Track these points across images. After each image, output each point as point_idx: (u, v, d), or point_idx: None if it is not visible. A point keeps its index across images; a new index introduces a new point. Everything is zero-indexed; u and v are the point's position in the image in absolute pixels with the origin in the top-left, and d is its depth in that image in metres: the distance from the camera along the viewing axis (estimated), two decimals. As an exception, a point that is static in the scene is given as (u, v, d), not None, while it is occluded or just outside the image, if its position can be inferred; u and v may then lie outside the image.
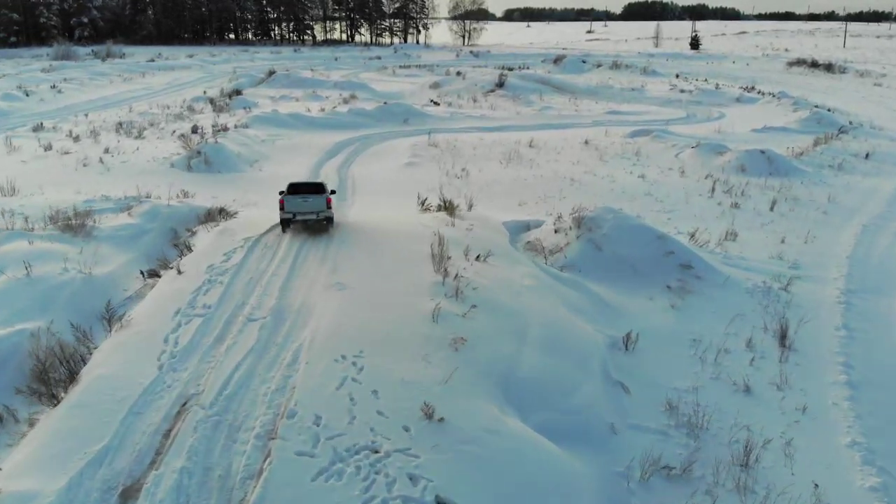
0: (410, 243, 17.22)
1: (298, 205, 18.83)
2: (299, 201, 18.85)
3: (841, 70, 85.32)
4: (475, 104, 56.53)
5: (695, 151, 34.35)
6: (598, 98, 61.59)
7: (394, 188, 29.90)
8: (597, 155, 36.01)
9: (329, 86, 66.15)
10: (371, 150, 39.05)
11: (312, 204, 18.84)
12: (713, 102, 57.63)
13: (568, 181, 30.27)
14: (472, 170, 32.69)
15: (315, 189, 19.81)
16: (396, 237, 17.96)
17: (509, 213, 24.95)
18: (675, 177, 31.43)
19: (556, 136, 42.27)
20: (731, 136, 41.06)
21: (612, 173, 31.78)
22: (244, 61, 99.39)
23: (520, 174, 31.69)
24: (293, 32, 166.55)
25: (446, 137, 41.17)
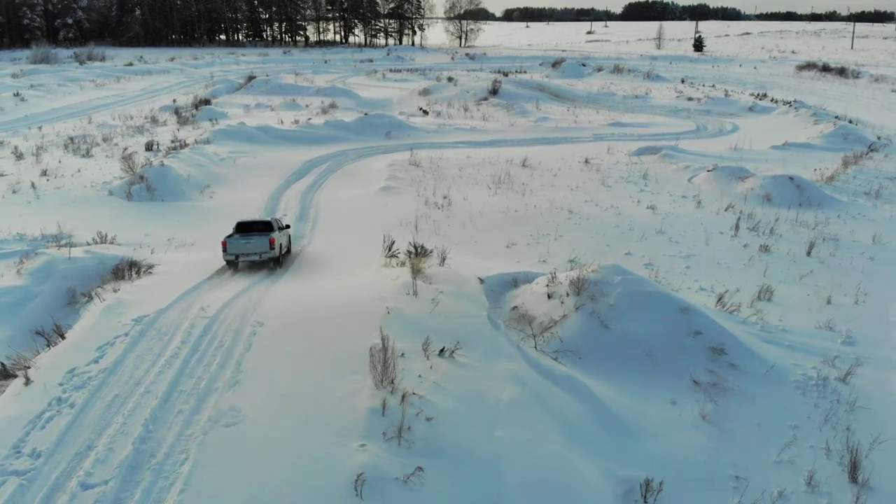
0: (354, 328, 12.87)
1: (241, 246, 18.51)
2: (242, 242, 18.49)
3: (854, 75, 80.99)
4: (466, 113, 52.18)
5: (711, 176, 29.99)
6: (598, 106, 57.20)
7: (362, 221, 25.55)
8: (598, 178, 31.64)
9: (311, 92, 61.79)
10: (344, 170, 34.71)
11: (255, 245, 18.47)
12: (724, 112, 53.25)
13: (565, 213, 25.90)
14: (456, 197, 28.34)
15: (263, 228, 19.45)
16: (339, 316, 13.58)
17: (494, 260, 20.60)
18: (689, 208, 27.05)
19: (552, 152, 37.93)
20: (750, 154, 36.72)
21: (616, 202, 27.42)
22: (229, 65, 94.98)
23: (510, 203, 27.32)
24: (286, 34, 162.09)
25: (431, 154, 36.85)
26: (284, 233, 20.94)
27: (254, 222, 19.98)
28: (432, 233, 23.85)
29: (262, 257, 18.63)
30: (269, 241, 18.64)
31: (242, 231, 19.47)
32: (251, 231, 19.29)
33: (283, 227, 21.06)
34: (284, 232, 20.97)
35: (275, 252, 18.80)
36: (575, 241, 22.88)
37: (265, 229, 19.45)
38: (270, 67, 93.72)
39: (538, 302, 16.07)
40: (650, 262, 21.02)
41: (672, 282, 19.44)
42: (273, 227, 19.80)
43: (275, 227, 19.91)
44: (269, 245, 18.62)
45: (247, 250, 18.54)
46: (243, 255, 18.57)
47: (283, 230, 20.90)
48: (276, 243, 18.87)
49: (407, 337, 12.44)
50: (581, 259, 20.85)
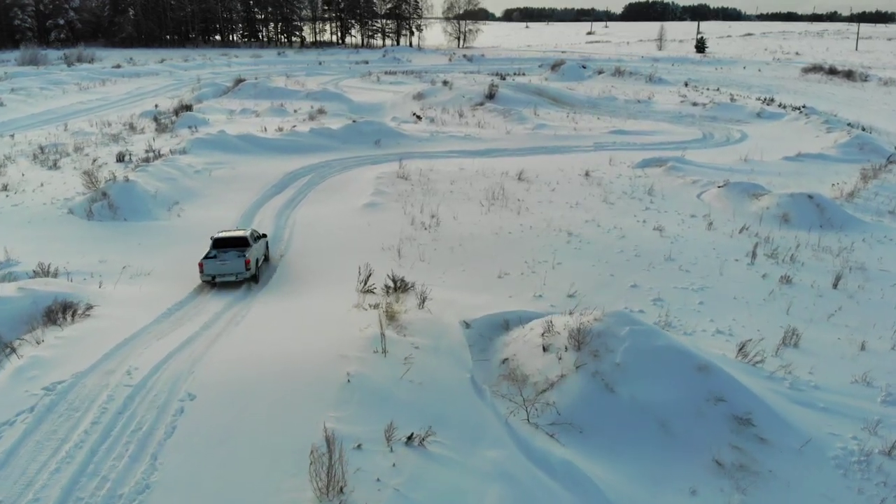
0: (303, 406, 10.59)
1: (217, 268, 19.00)
2: (218, 265, 19.02)
3: (863, 78, 78.72)
4: (461, 119, 49.86)
5: (722, 192, 27.69)
6: (599, 112, 54.87)
7: (340, 245, 23.25)
8: (600, 193, 29.34)
9: (301, 96, 59.48)
10: (328, 182, 32.39)
11: (231, 266, 19.03)
12: (731, 118, 50.93)
13: (564, 236, 23.59)
14: (446, 215, 26.05)
15: (239, 243, 20.04)
16: (288, 386, 11.27)
17: (483, 295, 18.33)
18: (700, 229, 24.74)
19: (551, 164, 35.61)
20: (761, 166, 34.41)
21: (619, 223, 25.11)
22: (220, 66, 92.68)
23: (504, 223, 25.02)
24: (282, 34, 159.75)
25: (421, 165, 34.55)
26: (261, 243, 21.45)
27: (229, 238, 20.31)
28: (417, 259, 21.57)
29: (238, 278, 19.14)
30: (244, 262, 19.10)
31: (219, 247, 20.09)
32: (228, 246, 19.96)
33: (259, 236, 21.54)
34: (261, 242, 21.49)
35: (251, 272, 19.30)
36: (575, 269, 20.59)
37: (241, 245, 19.98)
38: (263, 69, 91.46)
39: (532, 354, 13.79)
40: (659, 296, 18.73)
41: (685, 322, 17.17)
42: (248, 242, 20.19)
43: (250, 241, 20.28)
44: (244, 266, 19.10)
45: (223, 271, 19.01)
46: (220, 275, 19.03)
47: (260, 239, 21.46)
48: (251, 263, 19.26)
49: (368, 417, 10.15)
50: (582, 293, 18.60)
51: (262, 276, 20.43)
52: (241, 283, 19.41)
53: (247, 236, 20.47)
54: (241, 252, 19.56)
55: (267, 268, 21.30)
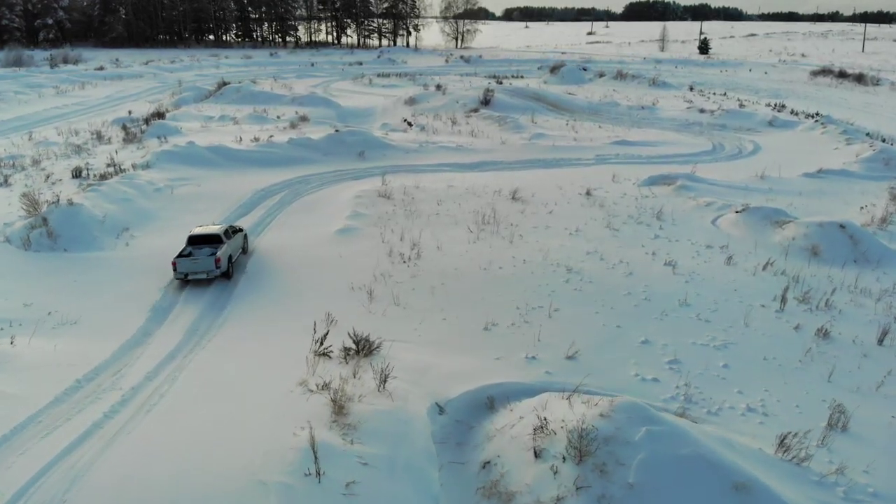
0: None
1: (188, 266, 19.82)
2: (189, 263, 19.79)
3: (874, 82, 75.67)
4: (453, 127, 46.78)
5: (741, 219, 24.64)
6: (601, 119, 51.78)
7: (303, 283, 20.24)
8: (603, 217, 26.29)
9: (286, 101, 56.40)
10: (302, 202, 29.35)
11: (202, 264, 19.80)
12: (741, 127, 47.85)
13: (563, 272, 20.54)
14: (429, 244, 23.03)
15: (213, 240, 20.89)
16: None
17: (465, 356, 15.33)
18: (718, 264, 21.67)
19: (548, 179, 32.58)
20: (780, 184, 31.35)
21: (626, 255, 22.06)
22: (208, 68, 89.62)
23: (494, 255, 21.96)
24: (276, 34, 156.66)
25: (407, 182, 31.54)
26: (238, 237, 22.18)
27: (204, 235, 21.13)
28: (390, 303, 18.54)
29: (208, 275, 19.96)
30: (214, 261, 19.83)
31: (194, 243, 21.03)
32: (202, 243, 20.88)
33: (236, 230, 22.39)
34: (238, 236, 22.24)
35: (220, 269, 20.02)
36: (575, 317, 17.57)
37: (214, 242, 20.88)
38: (253, 71, 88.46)
39: (520, 460, 10.75)
40: (675, 356, 15.69)
41: (708, 394, 14.15)
42: (222, 239, 20.97)
43: (223, 238, 21.02)
44: (214, 265, 19.86)
45: (194, 269, 19.88)
46: (192, 273, 19.89)
47: (237, 234, 22.24)
48: (221, 262, 19.97)
49: None
50: (583, 353, 15.57)
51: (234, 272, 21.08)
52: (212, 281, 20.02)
53: (220, 233, 21.14)
54: (214, 249, 20.36)
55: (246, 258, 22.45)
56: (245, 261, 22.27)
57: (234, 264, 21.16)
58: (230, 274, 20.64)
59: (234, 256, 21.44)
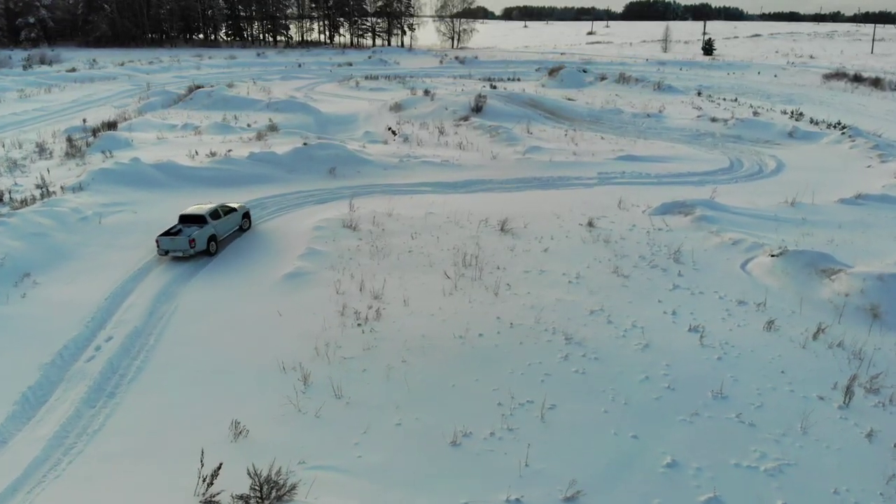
0: None
1: (168, 243, 21.79)
2: (168, 241, 21.79)
3: (893, 87, 71.17)
4: (440, 138, 42.25)
5: (778, 265, 20.12)
6: (603, 129, 47.24)
7: (221, 363, 15.74)
8: (609, 257, 21.77)
9: (261, 107, 51.80)
10: (250, 235, 24.77)
11: (178, 243, 21.73)
12: (758, 139, 43.32)
13: (560, 343, 16.05)
14: (394, 298, 18.54)
15: (197, 220, 22.86)
16: None
17: (417, 496, 10.80)
18: (756, 330, 17.15)
19: (544, 204, 28.10)
20: (814, 212, 26.85)
21: (639, 315, 17.57)
22: (188, 69, 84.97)
23: (473, 317, 17.45)
24: (267, 33, 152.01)
25: (379, 207, 27.08)
26: (229, 217, 23.78)
27: (191, 215, 23.02)
28: (330, 395, 14.05)
29: (184, 254, 21.72)
30: (188, 241, 21.51)
31: (183, 222, 22.99)
32: (190, 222, 22.83)
33: (229, 210, 24.04)
34: (230, 216, 23.87)
35: (196, 249, 21.68)
36: (576, 423, 13.12)
37: (198, 222, 22.73)
38: (235, 73, 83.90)
39: None
40: (715, 492, 11.21)
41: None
42: (205, 219, 22.72)
43: (207, 219, 22.72)
44: (188, 245, 21.54)
45: (173, 247, 21.68)
46: (171, 250, 21.73)
47: (230, 214, 23.89)
48: (195, 243, 21.63)
49: None
50: (586, 490, 11.06)
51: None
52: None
53: (204, 214, 22.89)
54: (198, 228, 22.34)
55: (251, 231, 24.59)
56: (159, 326, 17.72)
57: (221, 242, 23.15)
58: (212, 252, 22.42)
59: (223, 236, 23.28)
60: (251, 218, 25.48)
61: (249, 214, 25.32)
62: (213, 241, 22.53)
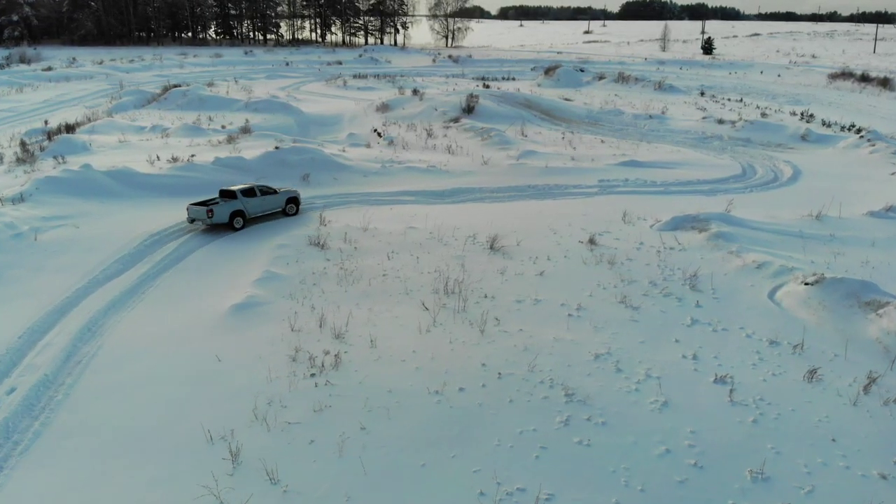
0: None
1: (194, 212, 23.03)
2: (195, 210, 22.98)
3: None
4: (428, 141, 39.28)
5: (813, 295, 17.15)
6: (603, 132, 44.29)
7: (138, 429, 12.65)
8: (615, 283, 18.78)
9: (238, 107, 48.77)
10: (202, 254, 21.70)
11: (200, 213, 22.89)
12: (769, 142, 40.43)
13: (559, 401, 13.07)
14: (359, 337, 15.53)
15: (229, 195, 23.97)
16: None
17: None
18: (795, 380, 14.15)
19: (539, 217, 25.14)
20: (842, 226, 23.90)
21: (654, 361, 14.58)
22: (171, 68, 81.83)
23: (454, 363, 14.44)
24: (258, 31, 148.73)
25: (354, 220, 24.12)
26: (267, 199, 24.62)
27: (226, 191, 24.20)
28: (262, 479, 11.03)
29: (204, 223, 23.20)
30: (206, 212, 22.74)
31: (222, 196, 24.11)
32: (226, 197, 23.93)
33: (269, 191, 24.90)
34: (269, 198, 24.69)
35: (213, 220, 22.83)
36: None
37: (230, 197, 23.85)
38: (220, 71, 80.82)
39: None
40: None
41: None
42: (235, 195, 23.85)
43: (238, 195, 23.83)
44: (206, 215, 22.79)
45: (196, 216, 23.03)
46: (196, 218, 23.10)
47: (268, 195, 24.69)
48: (213, 214, 22.77)
49: None
50: None
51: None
52: None
53: (235, 190, 23.98)
54: (227, 202, 23.44)
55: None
56: (77, 366, 14.64)
57: (251, 219, 24.04)
58: (236, 227, 23.39)
59: (253, 214, 24.11)
60: (299, 204, 25.57)
61: (297, 200, 25.51)
62: (238, 217, 23.41)
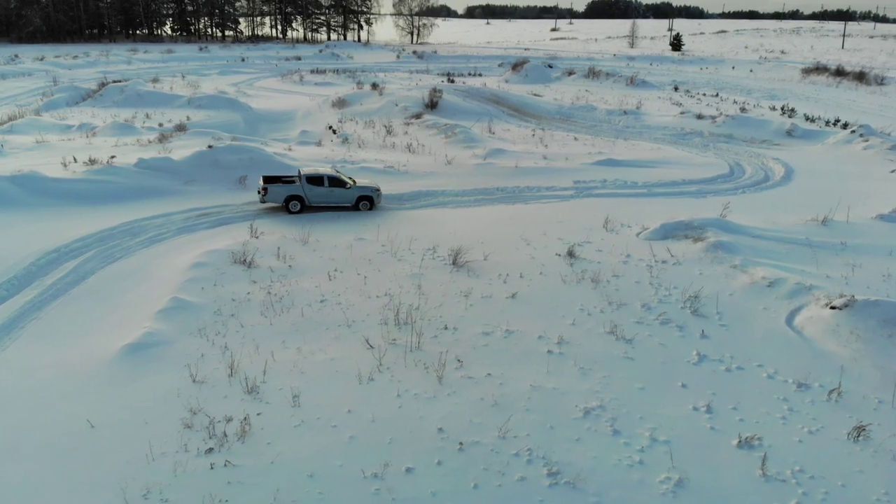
0: None
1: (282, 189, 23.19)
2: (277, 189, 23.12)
3: (878, 81, 66.61)
4: (387, 139, 35.78)
5: (842, 321, 14.11)
6: (576, 128, 41.20)
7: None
8: (602, 310, 15.52)
9: (180, 104, 44.69)
10: (104, 275, 17.93)
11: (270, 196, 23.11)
12: (753, 138, 37.67)
13: (540, 480, 9.88)
14: (279, 391, 12.22)
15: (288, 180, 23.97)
16: None
17: None
18: (835, 439, 11.08)
19: (510, 225, 21.85)
20: (851, 233, 20.99)
21: (659, 419, 11.38)
22: (118, 64, 77.05)
23: (402, 425, 11.13)
24: (216, 27, 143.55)
25: (292, 232, 20.60)
26: (335, 190, 23.46)
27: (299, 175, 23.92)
28: None
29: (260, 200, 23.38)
30: (260, 189, 23.04)
31: (311, 182, 23.46)
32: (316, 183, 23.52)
33: (335, 181, 23.58)
34: (335, 190, 23.47)
35: (267, 200, 23.04)
36: None
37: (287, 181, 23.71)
38: (170, 67, 76.13)
39: None
40: None
41: None
42: (294, 182, 23.57)
43: (298, 181, 23.46)
44: (258, 192, 23.17)
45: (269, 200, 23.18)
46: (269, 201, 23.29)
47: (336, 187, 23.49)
48: (264, 194, 22.85)
49: None
50: None
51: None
52: None
53: (301, 174, 23.58)
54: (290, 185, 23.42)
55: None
56: None
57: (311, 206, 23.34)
58: (292, 211, 22.97)
59: (315, 203, 23.32)
60: (374, 201, 23.94)
61: (372, 198, 23.90)
62: (294, 201, 22.94)
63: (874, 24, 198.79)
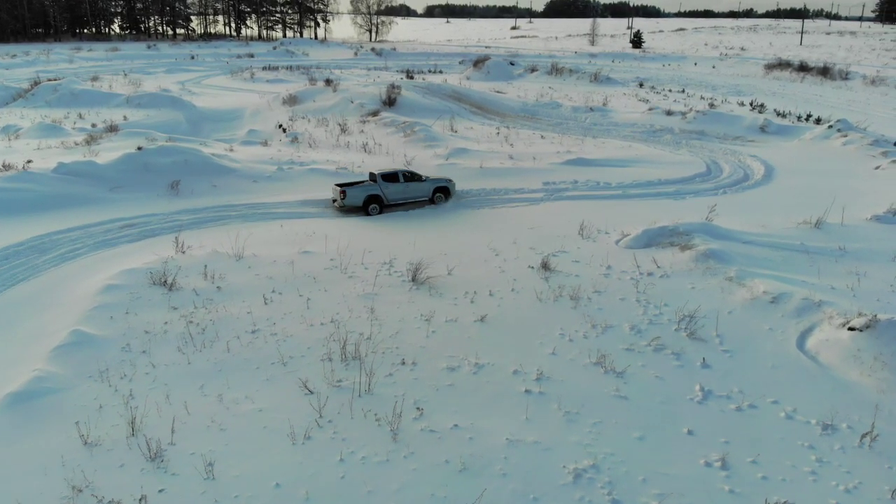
0: None
1: (335, 193, 22.55)
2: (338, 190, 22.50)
3: (843, 75, 66.04)
4: (341, 137, 33.27)
5: (865, 344, 12.13)
6: (541, 125, 39.15)
7: None
8: (585, 334, 13.31)
9: (118, 103, 41.60)
10: (3, 301, 15.15)
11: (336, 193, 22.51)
12: (726, 135, 36.03)
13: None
14: (191, 455, 9.93)
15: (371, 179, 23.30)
16: None
17: None
18: (878, 497, 8.95)
19: (476, 234, 19.66)
20: (849, 237, 19.17)
21: (665, 480, 9.20)
22: (58, 63, 72.98)
23: (346, 497, 8.62)
24: (167, 26, 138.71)
25: (225, 245, 17.99)
26: (411, 185, 23.06)
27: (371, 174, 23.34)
28: None
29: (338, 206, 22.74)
30: (338, 192, 22.30)
31: (371, 180, 23.21)
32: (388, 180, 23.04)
33: (411, 177, 23.24)
34: (411, 185, 23.08)
35: (346, 202, 22.24)
36: None
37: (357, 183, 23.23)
38: (115, 66, 72.35)
39: None
40: None
41: None
42: (374, 180, 23.00)
43: (377, 180, 22.86)
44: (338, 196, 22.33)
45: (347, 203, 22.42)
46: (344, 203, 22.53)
47: (411, 182, 23.12)
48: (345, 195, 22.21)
49: None
50: None
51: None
52: None
53: (376, 173, 22.98)
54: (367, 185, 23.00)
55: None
56: None
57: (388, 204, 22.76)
58: (370, 213, 22.42)
59: (393, 200, 22.84)
60: (447, 193, 23.63)
61: (446, 189, 23.64)
62: (372, 202, 22.50)
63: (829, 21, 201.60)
